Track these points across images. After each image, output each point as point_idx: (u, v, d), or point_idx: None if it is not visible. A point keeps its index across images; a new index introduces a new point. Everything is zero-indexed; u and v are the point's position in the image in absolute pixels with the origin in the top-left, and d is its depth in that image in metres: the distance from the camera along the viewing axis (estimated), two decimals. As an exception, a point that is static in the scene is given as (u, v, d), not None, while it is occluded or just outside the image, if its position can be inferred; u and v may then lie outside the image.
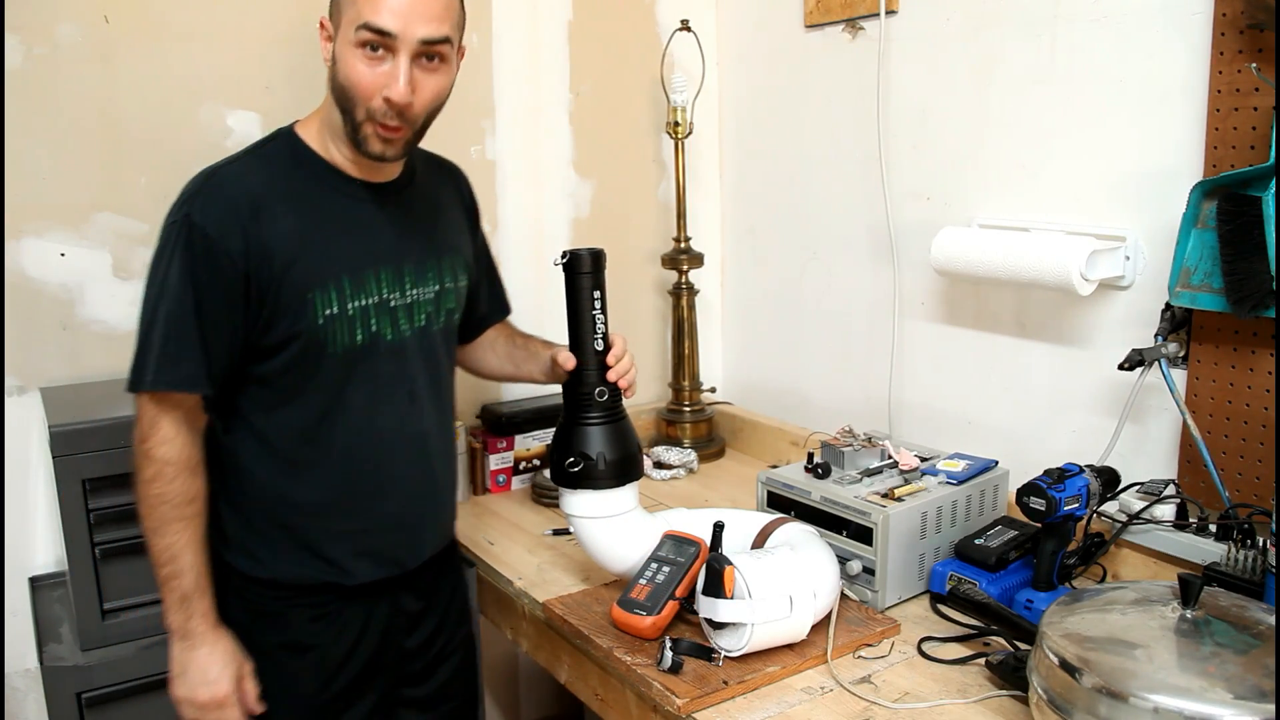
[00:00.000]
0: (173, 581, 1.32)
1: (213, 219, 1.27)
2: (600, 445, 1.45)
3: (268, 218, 1.29)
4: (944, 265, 1.74)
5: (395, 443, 1.41)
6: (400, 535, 1.45)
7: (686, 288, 2.22)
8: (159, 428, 1.28)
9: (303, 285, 1.30)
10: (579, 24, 2.16)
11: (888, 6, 1.88)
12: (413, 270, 1.41)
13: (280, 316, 1.30)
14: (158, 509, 1.30)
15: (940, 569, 1.52)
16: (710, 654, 1.35)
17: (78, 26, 1.65)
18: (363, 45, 1.26)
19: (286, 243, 1.30)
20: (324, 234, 1.33)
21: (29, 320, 1.67)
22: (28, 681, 1.69)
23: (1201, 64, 1.46)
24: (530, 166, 2.15)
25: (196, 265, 1.27)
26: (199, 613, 1.33)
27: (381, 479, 1.41)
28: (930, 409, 1.94)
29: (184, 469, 1.30)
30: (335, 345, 1.33)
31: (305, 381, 1.34)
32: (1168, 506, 1.50)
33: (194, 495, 1.32)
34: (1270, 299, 1.35)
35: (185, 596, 1.32)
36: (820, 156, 2.11)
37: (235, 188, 1.30)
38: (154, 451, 1.28)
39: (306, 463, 1.37)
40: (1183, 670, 1.04)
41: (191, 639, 1.33)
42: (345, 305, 1.33)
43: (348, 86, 1.28)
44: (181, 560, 1.31)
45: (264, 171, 1.33)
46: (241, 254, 1.27)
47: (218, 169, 1.33)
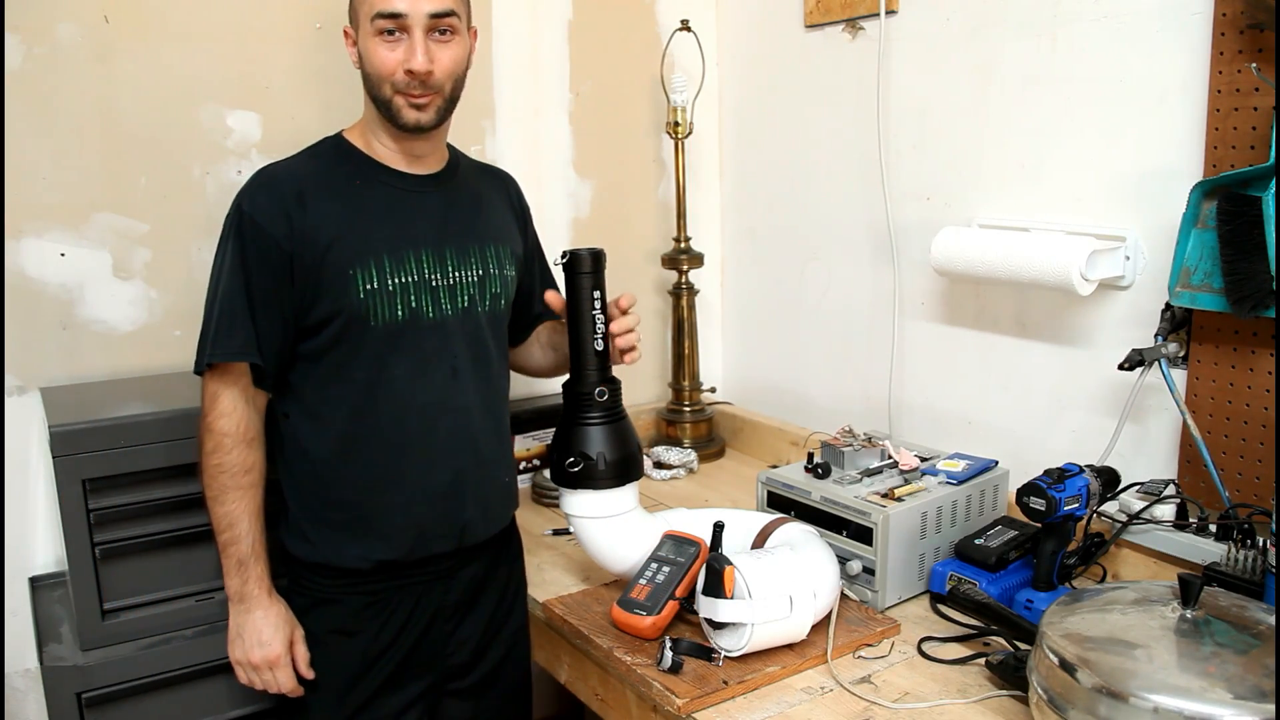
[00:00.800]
0: (231, 548, 1.40)
1: (261, 207, 1.38)
2: (600, 445, 1.46)
3: (312, 204, 1.40)
4: (944, 265, 1.74)
5: (438, 416, 1.46)
6: (444, 507, 1.47)
7: (686, 288, 2.22)
8: (218, 401, 1.39)
9: (344, 263, 1.39)
10: (579, 24, 2.16)
11: (888, 6, 1.88)
12: (455, 253, 1.47)
13: (324, 293, 1.39)
14: (217, 478, 1.39)
15: (940, 569, 1.52)
16: (710, 654, 1.35)
17: (78, 26, 1.65)
18: (380, 33, 1.39)
19: (329, 226, 1.39)
20: (365, 218, 1.42)
21: (29, 320, 1.67)
22: (28, 681, 1.70)
23: (1201, 64, 1.46)
24: (530, 166, 2.15)
25: (247, 250, 1.38)
26: (254, 577, 1.41)
27: (425, 450, 1.45)
28: (930, 409, 1.94)
29: (240, 440, 1.39)
30: (377, 319, 1.40)
31: (351, 357, 1.41)
32: (1168, 506, 1.50)
33: (250, 465, 1.40)
34: (1270, 299, 1.35)
35: (241, 561, 1.40)
36: (820, 156, 2.11)
37: (283, 179, 1.42)
38: (214, 424, 1.39)
39: (355, 437, 1.43)
40: (1183, 670, 1.04)
41: (247, 602, 1.41)
42: (385, 281, 1.41)
43: (373, 72, 1.41)
44: (239, 527, 1.39)
45: (311, 165, 1.45)
46: (286, 237, 1.37)
47: (271, 165, 1.46)
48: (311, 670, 1.45)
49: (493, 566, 1.57)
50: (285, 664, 1.42)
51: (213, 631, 1.54)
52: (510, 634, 1.60)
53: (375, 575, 1.46)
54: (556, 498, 1.84)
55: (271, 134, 1.82)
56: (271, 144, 1.82)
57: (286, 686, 1.43)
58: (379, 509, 1.44)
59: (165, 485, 1.52)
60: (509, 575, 1.61)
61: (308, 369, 1.43)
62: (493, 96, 2.08)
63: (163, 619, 1.54)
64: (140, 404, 1.56)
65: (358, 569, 1.45)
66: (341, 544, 1.45)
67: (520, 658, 1.64)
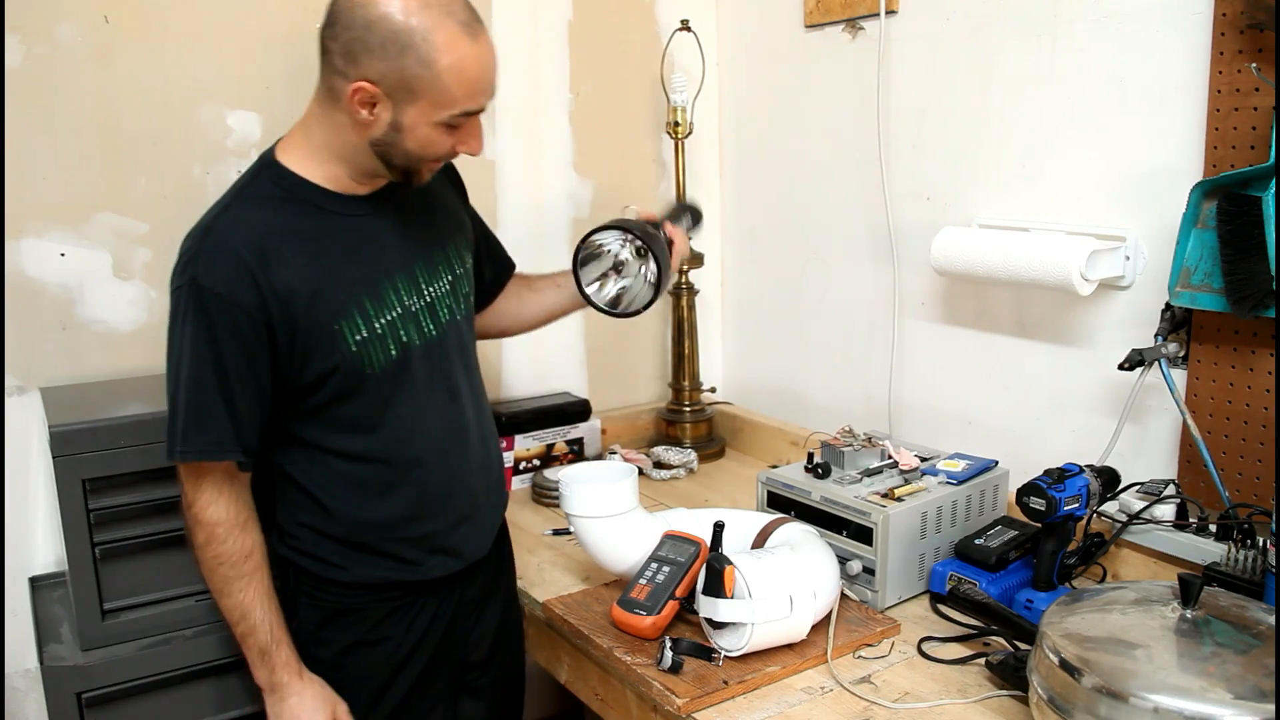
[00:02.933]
0: (249, 639, 1.33)
1: (220, 277, 1.24)
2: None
3: (276, 261, 1.26)
4: (944, 265, 1.74)
5: (446, 442, 1.42)
6: (468, 528, 1.46)
7: (686, 288, 2.22)
8: (201, 492, 1.30)
9: (327, 318, 1.29)
10: (579, 24, 2.16)
11: (888, 6, 1.88)
12: (424, 269, 1.40)
13: (313, 353, 1.29)
14: (217, 571, 1.31)
15: (940, 569, 1.52)
16: (710, 654, 1.35)
17: (78, 26, 1.65)
18: (445, 125, 1.26)
19: (301, 281, 1.27)
20: (333, 261, 1.31)
21: (29, 320, 1.67)
22: (28, 681, 1.70)
23: (1201, 64, 1.46)
24: (530, 166, 2.15)
25: (214, 327, 1.24)
26: (280, 664, 1.34)
27: (439, 480, 1.42)
28: (930, 409, 1.94)
29: (234, 527, 1.31)
30: (374, 366, 1.33)
31: (352, 406, 1.34)
32: (1168, 506, 1.50)
33: (249, 550, 1.32)
34: (1270, 299, 1.35)
35: (264, 651, 1.33)
36: (820, 156, 2.11)
37: (235, 239, 1.26)
38: (201, 515, 1.30)
39: (365, 480, 1.37)
40: (1183, 670, 1.04)
41: (279, 690, 1.34)
42: (373, 326, 1.33)
43: (420, 153, 1.28)
44: (252, 616, 1.32)
45: (258, 214, 1.29)
46: (258, 305, 1.25)
47: (211, 223, 1.29)
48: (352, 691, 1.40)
49: (500, 559, 1.57)
50: None
51: (213, 631, 1.55)
52: (514, 628, 1.61)
53: (396, 586, 1.42)
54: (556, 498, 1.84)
55: (271, 134, 1.82)
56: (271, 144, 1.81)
57: None
58: (398, 542, 1.40)
59: (165, 485, 1.52)
60: (510, 569, 1.61)
61: (305, 421, 1.35)
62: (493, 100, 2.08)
63: (163, 619, 1.54)
64: (140, 404, 1.56)
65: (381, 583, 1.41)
66: (361, 565, 1.40)
67: (520, 652, 1.64)
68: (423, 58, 1.20)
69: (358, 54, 1.21)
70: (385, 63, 1.21)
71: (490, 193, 2.10)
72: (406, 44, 1.19)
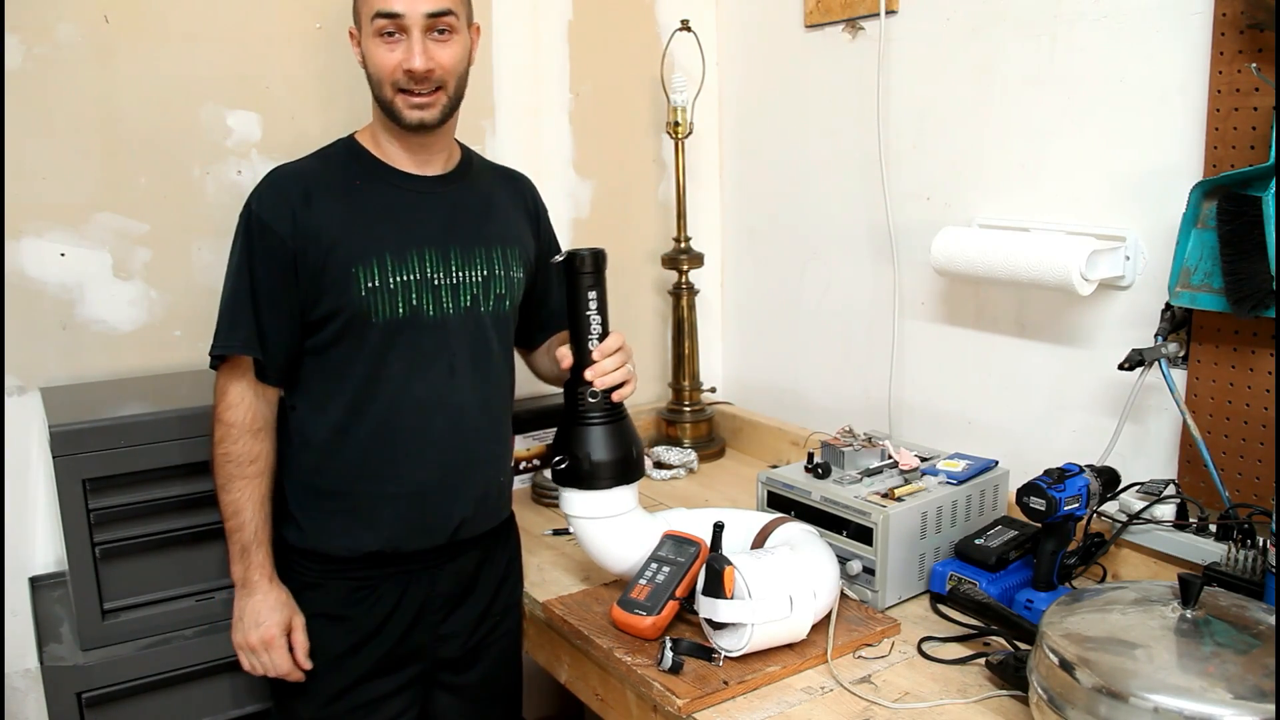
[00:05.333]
0: (235, 534, 1.44)
1: (267, 207, 1.42)
2: (589, 446, 1.46)
3: (318, 204, 1.42)
4: (944, 265, 1.74)
5: (432, 412, 1.47)
6: (432, 502, 1.49)
7: (686, 288, 2.22)
8: (227, 393, 1.43)
9: (346, 261, 1.41)
10: (579, 24, 2.16)
11: (888, 6, 1.88)
12: (460, 253, 1.48)
13: (327, 290, 1.42)
14: (224, 467, 1.43)
15: (940, 569, 1.52)
16: (710, 654, 1.35)
17: (78, 26, 1.65)
18: (380, 34, 1.41)
19: (333, 225, 1.42)
20: (369, 218, 1.45)
21: (29, 320, 1.67)
22: (28, 681, 1.70)
23: (1201, 64, 1.46)
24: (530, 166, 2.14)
25: (254, 246, 1.41)
26: (256, 563, 1.44)
27: (417, 446, 1.47)
28: (930, 409, 1.94)
29: (246, 431, 1.43)
30: (378, 316, 1.42)
31: (352, 352, 1.44)
32: (1168, 506, 1.50)
33: (256, 456, 1.44)
34: (1270, 299, 1.35)
35: (245, 548, 1.44)
36: (820, 156, 2.11)
37: (290, 179, 1.45)
38: (223, 415, 1.43)
39: (350, 429, 1.46)
40: (1183, 670, 1.04)
41: (248, 587, 1.45)
42: (387, 279, 1.43)
43: (374, 71, 1.44)
44: (243, 514, 1.43)
45: (320, 166, 1.48)
46: (291, 235, 1.40)
47: (282, 166, 1.49)
48: (309, 661, 1.47)
49: (484, 563, 1.57)
50: (281, 645, 1.44)
51: (213, 631, 1.55)
52: (504, 633, 1.61)
53: (360, 563, 1.48)
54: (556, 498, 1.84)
55: (271, 134, 1.82)
56: (271, 144, 1.82)
57: (283, 668, 1.45)
58: (367, 500, 1.47)
59: (165, 485, 1.52)
60: (504, 573, 1.61)
61: (313, 363, 1.46)
62: (493, 96, 2.08)
63: (163, 619, 1.54)
64: (140, 404, 1.56)
65: (344, 556, 1.47)
66: (330, 532, 1.47)
67: (514, 658, 1.64)
68: None
69: None
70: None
71: (490, 193, 2.10)
72: None
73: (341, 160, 1.49)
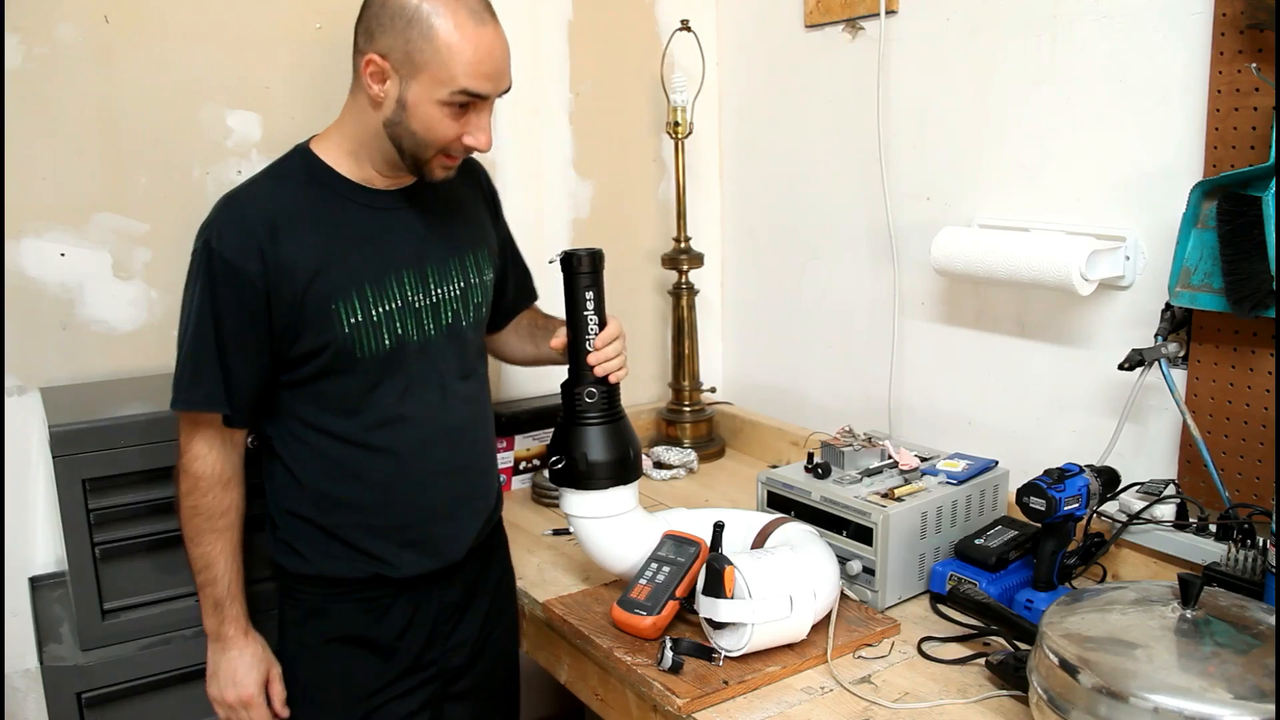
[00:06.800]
0: (207, 588, 1.40)
1: (230, 244, 1.31)
2: (585, 446, 1.45)
3: (286, 237, 1.33)
4: (944, 265, 1.74)
5: (430, 437, 1.44)
6: (441, 527, 1.47)
7: (686, 288, 2.22)
8: (192, 444, 1.37)
9: (326, 297, 1.34)
10: (579, 24, 2.16)
11: (888, 6, 1.88)
12: (436, 269, 1.43)
13: (306, 329, 1.34)
14: (192, 520, 1.38)
15: (940, 569, 1.52)
16: (710, 654, 1.35)
17: (78, 26, 1.65)
18: (452, 104, 1.31)
19: (306, 259, 1.33)
20: (343, 246, 1.36)
21: (29, 320, 1.67)
22: (28, 681, 1.69)
23: (1201, 64, 1.46)
24: (530, 166, 2.15)
25: (217, 289, 1.32)
26: (230, 618, 1.41)
27: (419, 473, 1.43)
28: (930, 409, 1.94)
29: (216, 483, 1.38)
30: (364, 351, 1.37)
31: (338, 387, 1.38)
32: (1168, 506, 1.50)
33: (226, 508, 1.39)
34: (1270, 299, 1.35)
35: (218, 603, 1.41)
36: (820, 156, 2.11)
37: (252, 211, 1.34)
38: (189, 467, 1.37)
39: (346, 464, 1.41)
40: (1183, 670, 1.04)
41: (223, 642, 1.42)
42: (370, 312, 1.37)
43: (424, 135, 1.33)
44: (215, 568, 1.39)
45: (280, 191, 1.37)
46: (260, 275, 1.31)
47: (235, 194, 1.37)
48: (288, 708, 1.46)
49: (485, 565, 1.57)
50: (260, 704, 1.43)
51: (213, 631, 1.55)
52: (502, 634, 1.61)
53: (369, 584, 1.44)
54: (556, 498, 1.84)
55: (271, 134, 1.82)
56: (271, 144, 1.82)
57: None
58: (374, 533, 1.43)
59: (166, 485, 1.52)
60: (500, 574, 1.61)
61: (294, 396, 1.40)
62: (493, 96, 2.08)
63: (163, 619, 1.54)
64: (140, 404, 1.56)
65: (352, 579, 1.44)
66: (333, 556, 1.43)
67: (512, 657, 1.64)
68: (425, 32, 1.28)
69: (373, 29, 1.31)
70: (393, 36, 1.29)
71: (490, 193, 2.11)
72: (413, 18, 1.28)
73: (301, 180, 1.38)
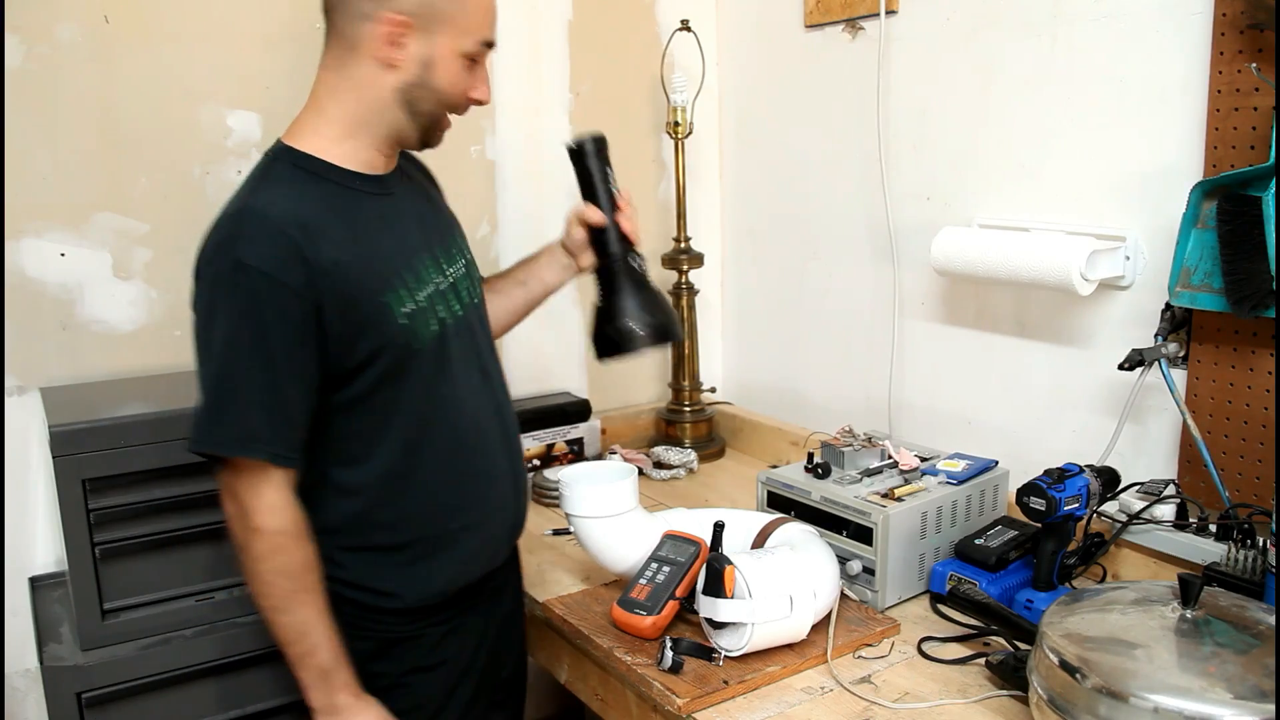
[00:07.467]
0: (308, 659, 1.22)
1: (266, 256, 1.16)
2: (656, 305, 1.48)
3: (319, 235, 1.20)
4: (944, 265, 1.74)
5: (485, 424, 1.38)
6: (505, 515, 1.42)
7: (686, 288, 2.22)
8: (263, 496, 1.19)
9: (375, 291, 1.24)
10: (579, 24, 2.16)
11: (888, 6, 1.88)
12: (442, 251, 1.36)
13: (362, 331, 1.23)
14: (277, 585, 1.20)
15: (940, 569, 1.52)
16: (710, 654, 1.35)
17: (78, 26, 1.65)
18: (471, 58, 1.28)
19: (346, 255, 1.22)
20: (371, 235, 1.26)
21: (29, 320, 1.67)
22: (28, 681, 1.70)
23: (1201, 64, 1.46)
24: (530, 166, 2.15)
25: (261, 310, 1.16)
26: (340, 685, 1.24)
27: (483, 462, 1.37)
28: (930, 409, 1.94)
29: (297, 536, 1.21)
30: (420, 341, 1.28)
31: (398, 391, 1.28)
32: (1168, 506, 1.50)
33: (311, 562, 1.23)
34: (1270, 299, 1.35)
35: (325, 672, 1.23)
36: (820, 156, 2.11)
37: (276, 217, 1.19)
38: (265, 525, 1.19)
39: (411, 471, 1.31)
40: (1183, 670, 1.04)
41: (340, 713, 1.25)
42: (416, 299, 1.28)
43: (448, 92, 1.28)
44: (314, 635, 1.22)
45: (292, 192, 1.23)
46: (306, 284, 1.17)
47: (243, 206, 1.21)
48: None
49: (515, 568, 1.55)
50: None
51: (212, 631, 1.55)
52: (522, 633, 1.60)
53: (449, 604, 1.37)
54: (556, 498, 1.84)
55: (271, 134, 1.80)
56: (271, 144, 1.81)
57: None
58: (450, 535, 1.34)
59: (165, 485, 1.52)
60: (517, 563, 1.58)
61: (345, 417, 1.26)
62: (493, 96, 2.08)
63: (163, 619, 1.54)
64: (140, 404, 1.56)
65: (426, 606, 1.34)
66: (409, 582, 1.32)
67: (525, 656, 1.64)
68: None
69: None
70: None
71: (490, 193, 2.10)
72: None
73: (303, 178, 1.25)
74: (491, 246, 2.13)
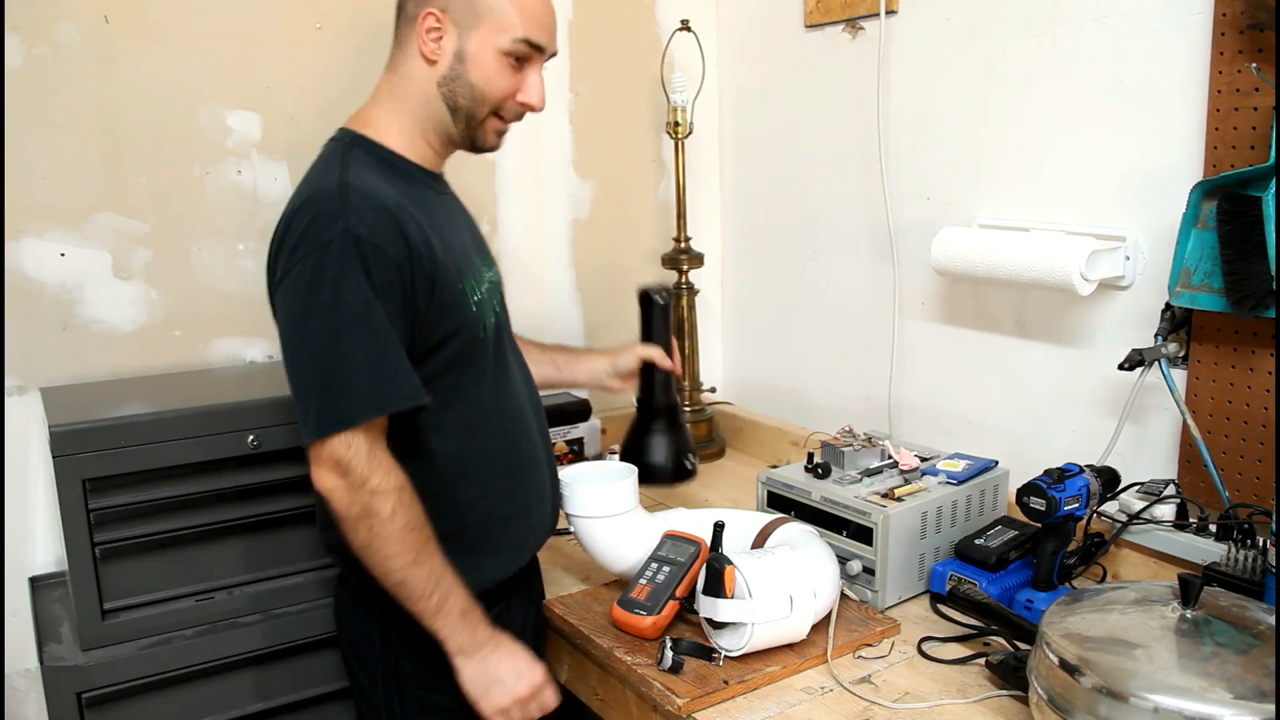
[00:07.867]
0: (447, 604, 1.26)
1: (374, 227, 1.21)
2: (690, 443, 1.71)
3: (407, 217, 1.25)
4: (944, 265, 1.74)
5: (529, 414, 1.45)
6: (546, 503, 1.47)
7: (686, 288, 2.22)
8: (378, 458, 1.22)
9: (455, 275, 1.30)
10: (579, 24, 2.16)
11: (888, 6, 1.88)
12: (483, 254, 1.45)
13: (444, 312, 1.28)
14: (410, 539, 1.23)
15: (940, 569, 1.52)
16: (710, 654, 1.35)
17: (78, 26, 1.65)
18: (512, 56, 1.31)
19: (428, 238, 1.27)
20: (440, 227, 1.32)
21: (29, 320, 1.67)
22: (28, 681, 1.69)
23: (1201, 64, 1.46)
24: (530, 166, 2.15)
25: (374, 279, 1.20)
26: (478, 619, 1.29)
27: (529, 453, 1.44)
28: (930, 409, 1.94)
29: (411, 490, 1.25)
30: (485, 330, 1.35)
31: (461, 376, 1.33)
32: (1168, 506, 1.50)
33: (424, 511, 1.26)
34: (1270, 299, 1.35)
35: (465, 611, 1.27)
36: (820, 156, 2.11)
37: (377, 194, 1.24)
38: (385, 483, 1.22)
39: (467, 459, 1.35)
40: (1183, 670, 1.04)
41: (486, 646, 1.29)
42: (480, 289, 1.36)
43: (482, 87, 1.32)
44: (448, 578, 1.26)
45: (376, 176, 1.28)
46: (405, 258, 1.23)
47: (344, 182, 1.24)
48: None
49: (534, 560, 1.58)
50: (550, 679, 1.34)
51: (212, 631, 1.55)
52: None
53: (500, 589, 1.40)
54: (556, 498, 1.84)
55: (271, 134, 1.83)
56: (271, 144, 1.82)
57: (555, 701, 1.35)
58: (499, 526, 1.39)
59: (165, 485, 1.52)
60: None
61: None
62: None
63: (163, 619, 1.54)
64: (140, 404, 1.55)
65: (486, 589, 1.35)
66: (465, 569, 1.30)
67: None
68: None
69: None
70: None
71: (490, 193, 2.10)
72: None
73: (382, 166, 1.30)
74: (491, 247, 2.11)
